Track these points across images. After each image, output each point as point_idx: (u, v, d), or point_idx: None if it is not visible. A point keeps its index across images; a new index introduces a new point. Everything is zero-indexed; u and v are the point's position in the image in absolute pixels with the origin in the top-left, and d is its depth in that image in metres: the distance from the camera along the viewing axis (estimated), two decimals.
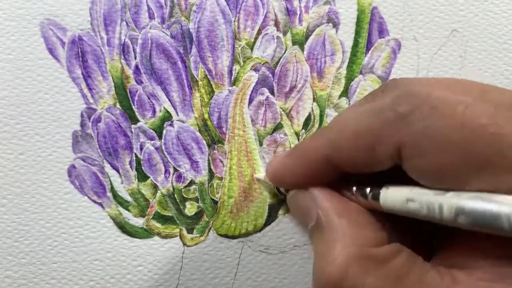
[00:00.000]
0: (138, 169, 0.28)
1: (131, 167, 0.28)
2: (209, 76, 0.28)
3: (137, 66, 0.28)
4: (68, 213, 0.28)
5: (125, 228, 0.28)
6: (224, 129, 0.28)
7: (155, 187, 0.28)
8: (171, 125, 0.28)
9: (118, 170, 0.28)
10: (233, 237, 0.28)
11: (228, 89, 0.28)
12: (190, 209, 0.28)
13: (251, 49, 0.29)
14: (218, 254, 0.28)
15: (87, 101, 0.28)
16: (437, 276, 0.19)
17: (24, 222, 0.28)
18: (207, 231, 0.28)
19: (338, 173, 0.22)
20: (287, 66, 0.29)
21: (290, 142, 0.29)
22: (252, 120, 0.28)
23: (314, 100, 0.29)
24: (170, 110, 0.28)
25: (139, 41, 0.28)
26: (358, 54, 0.29)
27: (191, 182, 0.28)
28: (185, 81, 0.28)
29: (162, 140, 0.28)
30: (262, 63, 0.29)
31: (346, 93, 0.29)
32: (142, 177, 0.28)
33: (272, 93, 0.28)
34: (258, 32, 0.29)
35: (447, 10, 0.29)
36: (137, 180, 0.28)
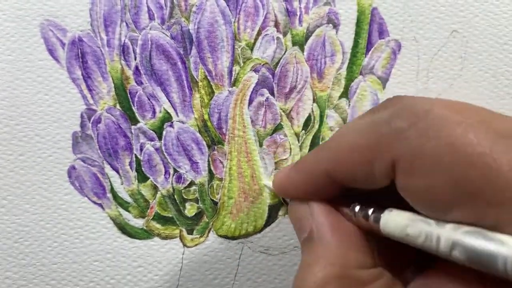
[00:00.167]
0: (138, 170, 0.28)
1: (131, 168, 0.28)
2: (209, 77, 0.28)
3: (137, 67, 0.28)
4: (68, 214, 0.28)
5: (125, 229, 0.28)
6: (224, 130, 0.28)
7: (155, 188, 0.28)
8: (171, 126, 0.28)
9: (118, 171, 0.28)
10: (233, 238, 0.28)
11: (228, 90, 0.28)
12: (190, 210, 0.28)
13: (251, 50, 0.29)
14: (218, 255, 0.28)
15: (87, 102, 0.28)
16: None
17: (24, 223, 0.28)
18: (207, 232, 0.28)
19: (339, 188, 0.22)
20: (287, 67, 0.29)
21: (290, 143, 0.29)
22: (252, 121, 0.28)
23: (314, 101, 0.29)
24: (170, 111, 0.28)
25: (139, 42, 0.28)
26: (358, 55, 0.29)
27: (191, 183, 0.28)
28: (185, 82, 0.28)
29: (162, 141, 0.28)
30: (262, 64, 0.29)
31: (346, 94, 0.29)
32: (142, 178, 0.28)
33: (272, 94, 0.28)
34: (258, 33, 0.29)
35: (447, 10, 0.29)
36: (137, 181, 0.28)
